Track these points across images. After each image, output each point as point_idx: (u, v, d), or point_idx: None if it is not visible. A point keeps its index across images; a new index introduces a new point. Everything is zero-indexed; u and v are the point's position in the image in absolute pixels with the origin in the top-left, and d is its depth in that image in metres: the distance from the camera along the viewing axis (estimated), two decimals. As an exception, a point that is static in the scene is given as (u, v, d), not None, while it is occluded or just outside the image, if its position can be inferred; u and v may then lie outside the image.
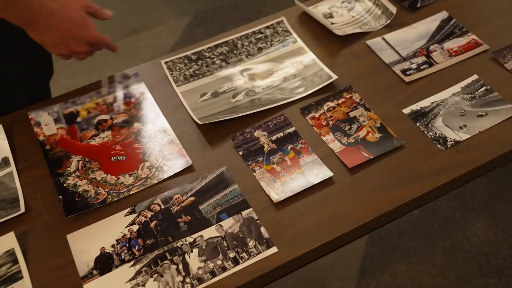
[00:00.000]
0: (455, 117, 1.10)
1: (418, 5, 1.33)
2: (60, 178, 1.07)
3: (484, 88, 1.14)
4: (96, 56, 2.69)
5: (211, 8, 2.91)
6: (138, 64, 1.30)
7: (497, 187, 2.06)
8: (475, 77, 1.16)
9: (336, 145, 1.07)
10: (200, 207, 1.01)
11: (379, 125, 1.10)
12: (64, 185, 1.06)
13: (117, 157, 1.10)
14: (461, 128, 1.08)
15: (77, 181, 1.06)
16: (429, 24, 1.28)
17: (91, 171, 1.08)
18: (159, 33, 2.81)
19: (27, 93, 1.38)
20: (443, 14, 1.30)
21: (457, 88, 1.15)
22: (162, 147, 1.10)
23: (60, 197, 1.03)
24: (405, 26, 1.29)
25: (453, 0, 1.34)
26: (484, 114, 1.10)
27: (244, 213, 0.99)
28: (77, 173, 1.07)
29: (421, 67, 1.19)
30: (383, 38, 1.26)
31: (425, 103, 1.13)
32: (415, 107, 1.12)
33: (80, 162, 1.09)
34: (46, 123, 1.16)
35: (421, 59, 1.21)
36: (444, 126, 1.08)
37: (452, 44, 1.23)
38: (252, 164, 1.06)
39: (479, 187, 2.07)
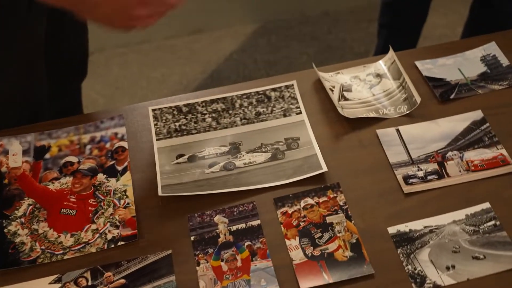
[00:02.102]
0: (445, 252, 0.92)
1: (452, 96, 1.14)
2: (4, 221, 1.00)
3: (492, 222, 0.95)
4: (152, 50, 2.66)
5: (280, 19, 2.77)
6: (192, 66, 1.19)
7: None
8: (486, 205, 0.97)
9: (297, 255, 0.93)
10: (128, 294, 0.91)
11: (354, 241, 0.95)
12: (5, 230, 0.99)
13: (67, 210, 1.02)
14: (448, 269, 0.90)
15: (18, 229, 1.00)
16: (456, 123, 1.10)
17: (37, 220, 1.01)
18: (220, 36, 2.72)
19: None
20: (477, 114, 1.10)
21: (461, 214, 0.97)
22: (115, 210, 1.01)
23: (-5, 244, 0.97)
24: (428, 120, 1.11)
25: (495, 97, 1.14)
26: (481, 257, 0.91)
27: (170, 314, 0.88)
28: (22, 220, 1.01)
29: (428, 177, 1.02)
30: (397, 130, 1.09)
31: (416, 225, 0.96)
32: (404, 227, 0.96)
33: (30, 207, 1.03)
34: (14, 153, 1.11)
35: (432, 166, 1.03)
36: (428, 261, 0.91)
37: (475, 155, 1.05)
38: (200, 255, 0.95)
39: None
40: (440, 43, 2.37)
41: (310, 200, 1.00)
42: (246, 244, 0.95)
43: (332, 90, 1.15)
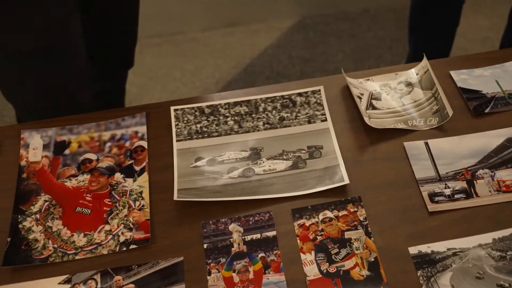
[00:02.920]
0: (468, 278, 0.87)
1: (487, 110, 1.08)
2: (19, 216, 1.00)
3: (522, 249, 0.90)
4: (186, 41, 2.65)
5: (318, 15, 2.71)
6: (226, 59, 1.17)
7: None
8: (516, 230, 0.92)
9: (312, 271, 0.90)
10: (136, 300, 0.89)
11: (372, 260, 0.91)
12: (19, 226, 0.99)
13: (82, 209, 1.01)
14: (469, 296, 0.85)
15: (33, 225, 0.99)
16: (489, 140, 1.04)
17: (51, 217, 1.00)
18: (256, 30, 2.68)
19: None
20: (512, 131, 1.04)
21: (488, 238, 0.92)
22: (130, 212, 1.00)
23: (9, 239, 0.97)
24: (460, 134, 1.05)
25: (534, 113, 1.07)
26: (507, 286, 0.86)
27: (177, 324, 0.86)
28: (37, 216, 1.00)
29: (455, 196, 0.97)
30: (426, 144, 1.04)
31: (439, 247, 0.91)
32: (426, 248, 0.91)
33: (46, 204, 1.02)
34: (34, 147, 1.10)
35: (460, 184, 0.98)
36: (449, 286, 0.87)
37: (508, 175, 0.99)
38: (211, 264, 0.92)
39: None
40: (482, 47, 2.29)
41: (329, 213, 0.96)
42: (260, 255, 0.93)
43: (360, 98, 1.11)
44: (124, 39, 1.55)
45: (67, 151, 1.10)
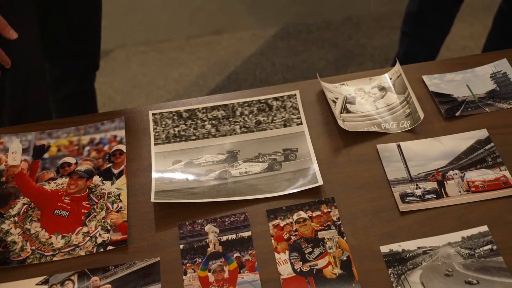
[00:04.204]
0: (437, 275, 0.90)
1: (458, 113, 1.11)
2: (-3, 219, 1.01)
3: (489, 246, 0.92)
4: (171, 49, 2.67)
5: (301, 23, 2.75)
6: (210, 67, 1.20)
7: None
8: (484, 228, 0.94)
9: (286, 269, 0.92)
10: (112, 300, 0.91)
11: (345, 259, 0.93)
12: (-3, 228, 1.00)
13: (60, 212, 1.02)
14: (438, 292, 0.88)
15: (11, 228, 1.00)
16: (460, 142, 1.07)
17: (30, 220, 1.01)
18: (241, 39, 2.71)
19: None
20: (482, 133, 1.07)
21: (457, 236, 0.94)
22: (107, 214, 1.01)
23: (-13, 242, 0.98)
24: (432, 137, 1.08)
25: (503, 116, 1.10)
26: (474, 282, 0.89)
27: (152, 323, 0.88)
28: (16, 218, 1.01)
29: (426, 196, 0.99)
30: (398, 146, 1.07)
31: (410, 245, 0.94)
32: (397, 247, 0.93)
33: (24, 207, 1.03)
34: (14, 151, 1.11)
35: (431, 185, 1.01)
36: (419, 283, 0.89)
37: (477, 175, 1.01)
38: (187, 264, 0.94)
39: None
40: (462, 55, 2.33)
41: (303, 214, 0.98)
42: (235, 255, 0.94)
43: (335, 102, 1.13)
44: (88, 41, 1.57)
45: (46, 155, 1.11)
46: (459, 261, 0.91)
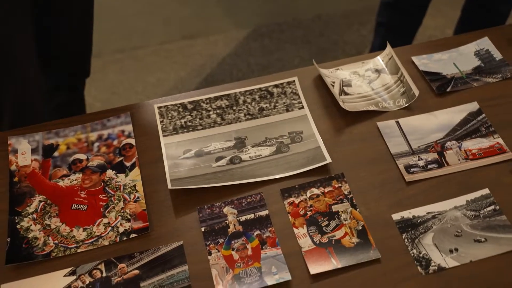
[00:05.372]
0: (448, 236, 0.96)
1: (448, 89, 1.18)
2: (16, 217, 1.02)
3: (492, 207, 0.99)
4: (147, 55, 2.69)
5: (273, 23, 2.81)
6: (187, 70, 1.22)
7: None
8: (486, 191, 1.01)
9: (306, 242, 0.96)
10: (142, 284, 0.93)
11: (360, 228, 0.98)
12: (17, 226, 1.01)
13: (78, 206, 1.04)
14: (451, 251, 0.93)
15: (31, 225, 1.01)
16: (453, 115, 1.13)
17: (49, 216, 1.03)
18: (215, 41, 2.75)
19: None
20: (473, 106, 1.14)
21: (461, 200, 1.01)
22: (126, 204, 1.03)
23: (8, 239, 0.99)
24: (427, 112, 1.14)
25: (490, 90, 1.18)
26: (483, 240, 0.95)
27: (184, 302, 0.91)
28: (34, 215, 1.03)
29: (429, 166, 1.05)
30: (397, 122, 1.13)
31: (419, 211, 0.99)
32: (407, 214, 0.99)
33: (41, 204, 1.04)
34: (23, 152, 1.13)
35: (432, 156, 1.07)
36: (432, 245, 0.94)
37: (473, 144, 1.08)
38: (211, 245, 0.97)
39: None
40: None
41: (315, 190, 1.03)
42: (255, 233, 0.98)
43: (333, 86, 1.19)
44: (79, 48, 1.59)
45: (56, 153, 1.13)
46: (466, 222, 0.97)
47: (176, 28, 2.75)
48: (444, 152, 1.08)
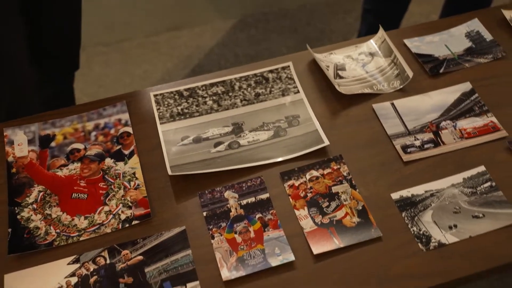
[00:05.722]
0: (447, 213, 0.97)
1: (441, 70, 1.19)
2: (16, 208, 1.02)
3: (489, 184, 1.01)
4: (133, 47, 2.68)
5: (259, 13, 2.81)
6: (175, 62, 1.22)
7: None
8: (481, 168, 1.03)
9: (307, 224, 0.97)
10: (146, 269, 0.94)
11: (360, 208, 0.99)
12: (18, 217, 1.01)
13: (78, 195, 1.04)
14: (450, 228, 0.95)
15: (31, 215, 1.01)
16: (447, 95, 1.15)
17: (49, 205, 1.02)
18: (201, 32, 2.74)
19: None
20: (466, 86, 1.16)
21: (458, 178, 1.02)
22: (126, 192, 1.04)
23: (10, 230, 0.99)
24: (421, 93, 1.16)
25: (482, 70, 1.20)
26: (480, 215, 0.97)
27: (189, 286, 0.91)
28: (34, 206, 1.02)
29: (425, 146, 1.07)
30: (392, 104, 1.14)
31: (418, 190, 1.01)
32: (406, 193, 1.01)
33: (41, 194, 1.04)
34: (19, 143, 1.12)
35: (427, 136, 1.09)
36: (432, 222, 0.96)
37: (467, 123, 1.10)
38: (213, 229, 0.98)
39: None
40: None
41: (315, 172, 1.04)
42: (257, 216, 0.99)
43: (328, 70, 1.20)
44: (68, 41, 1.58)
45: (53, 144, 1.12)
46: (464, 199, 0.99)
47: (161, 19, 2.74)
48: (440, 132, 1.09)
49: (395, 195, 1.00)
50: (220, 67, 2.56)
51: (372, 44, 1.25)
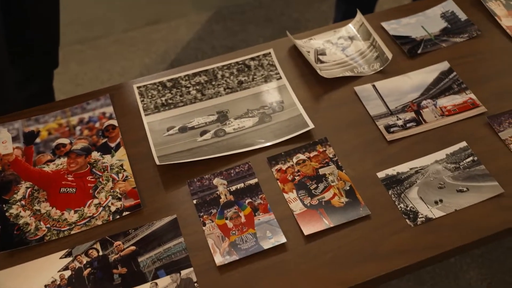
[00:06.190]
0: (432, 189, 1.00)
1: (419, 51, 1.22)
2: (4, 205, 1.01)
3: (471, 158, 1.03)
4: (110, 44, 2.66)
5: (233, 5, 2.81)
6: (152, 57, 1.22)
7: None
8: (463, 144, 1.05)
9: (297, 206, 0.99)
10: (140, 259, 0.94)
11: (348, 188, 1.01)
12: (6, 214, 1.00)
13: (66, 189, 1.04)
14: (436, 203, 0.98)
15: (20, 211, 1.01)
16: (426, 75, 1.17)
17: (37, 201, 1.02)
18: (177, 26, 2.73)
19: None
20: (444, 65, 1.19)
21: (441, 154, 1.05)
22: (115, 184, 1.04)
23: (-1, 227, 0.98)
24: (401, 74, 1.18)
25: (458, 49, 1.22)
26: (465, 189, 0.99)
27: (184, 272, 0.92)
28: (23, 202, 1.02)
29: (408, 125, 1.09)
30: (373, 86, 1.16)
31: (403, 168, 1.03)
32: (391, 171, 1.03)
33: (28, 190, 1.04)
34: (3, 141, 1.11)
35: (409, 115, 1.11)
36: (418, 198, 0.98)
37: (447, 101, 1.12)
38: (204, 216, 0.99)
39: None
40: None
41: (301, 156, 1.06)
42: (247, 201, 1.00)
43: (309, 54, 1.21)
44: (46, 39, 1.58)
45: (38, 140, 1.12)
46: (448, 175, 1.02)
47: (136, 15, 2.73)
48: (421, 111, 1.11)
49: (381, 174, 1.02)
50: (198, 60, 2.56)
51: (350, 28, 1.27)
